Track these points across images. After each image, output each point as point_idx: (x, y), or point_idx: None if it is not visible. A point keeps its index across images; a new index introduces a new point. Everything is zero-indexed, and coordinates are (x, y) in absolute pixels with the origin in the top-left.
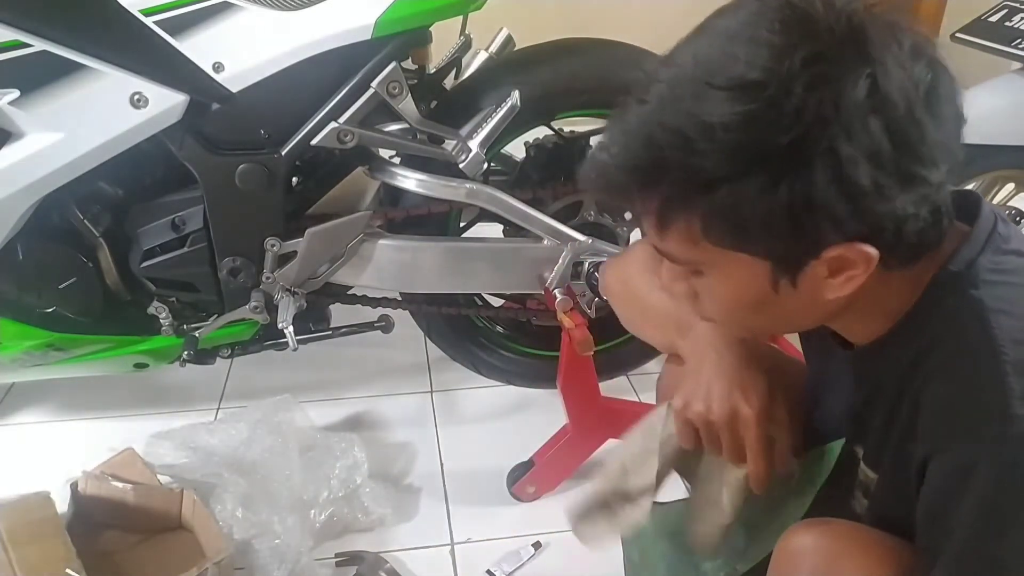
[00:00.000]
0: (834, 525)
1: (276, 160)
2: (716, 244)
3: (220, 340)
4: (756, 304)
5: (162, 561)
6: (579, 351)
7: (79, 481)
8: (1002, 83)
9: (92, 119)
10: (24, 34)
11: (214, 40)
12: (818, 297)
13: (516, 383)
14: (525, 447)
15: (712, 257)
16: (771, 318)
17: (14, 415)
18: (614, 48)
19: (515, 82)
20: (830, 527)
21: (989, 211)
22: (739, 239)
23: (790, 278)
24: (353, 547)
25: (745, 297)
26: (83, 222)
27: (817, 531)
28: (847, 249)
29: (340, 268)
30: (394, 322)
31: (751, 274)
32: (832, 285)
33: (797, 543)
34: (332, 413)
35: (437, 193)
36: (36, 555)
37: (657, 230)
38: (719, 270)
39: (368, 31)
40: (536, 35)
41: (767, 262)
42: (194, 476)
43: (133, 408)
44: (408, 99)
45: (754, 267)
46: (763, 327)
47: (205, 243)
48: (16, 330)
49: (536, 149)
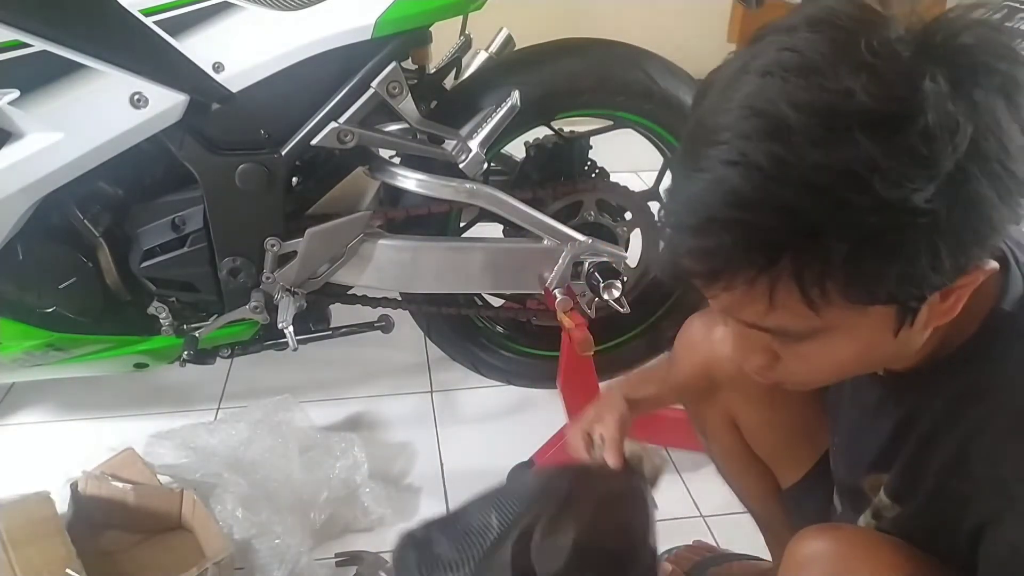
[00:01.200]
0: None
1: (276, 160)
2: (855, 302)
3: (220, 340)
4: (871, 353)
5: (162, 561)
6: (579, 351)
7: (79, 481)
8: None
9: (92, 119)
10: (24, 34)
11: (214, 40)
12: (925, 330)
13: (516, 383)
14: (525, 447)
15: (836, 320)
16: (869, 364)
17: (14, 415)
18: (614, 48)
19: (515, 82)
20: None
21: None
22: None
23: (912, 316)
24: (353, 547)
25: (867, 351)
26: (83, 222)
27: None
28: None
29: (340, 268)
30: (394, 322)
31: (877, 324)
32: (942, 310)
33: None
34: (332, 413)
35: (437, 193)
36: (36, 555)
37: (767, 306)
38: (843, 331)
39: (368, 31)
40: (536, 35)
41: (893, 307)
42: (194, 476)
43: (133, 408)
44: (408, 99)
45: (877, 317)
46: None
47: (205, 243)
48: (16, 330)
49: (536, 149)
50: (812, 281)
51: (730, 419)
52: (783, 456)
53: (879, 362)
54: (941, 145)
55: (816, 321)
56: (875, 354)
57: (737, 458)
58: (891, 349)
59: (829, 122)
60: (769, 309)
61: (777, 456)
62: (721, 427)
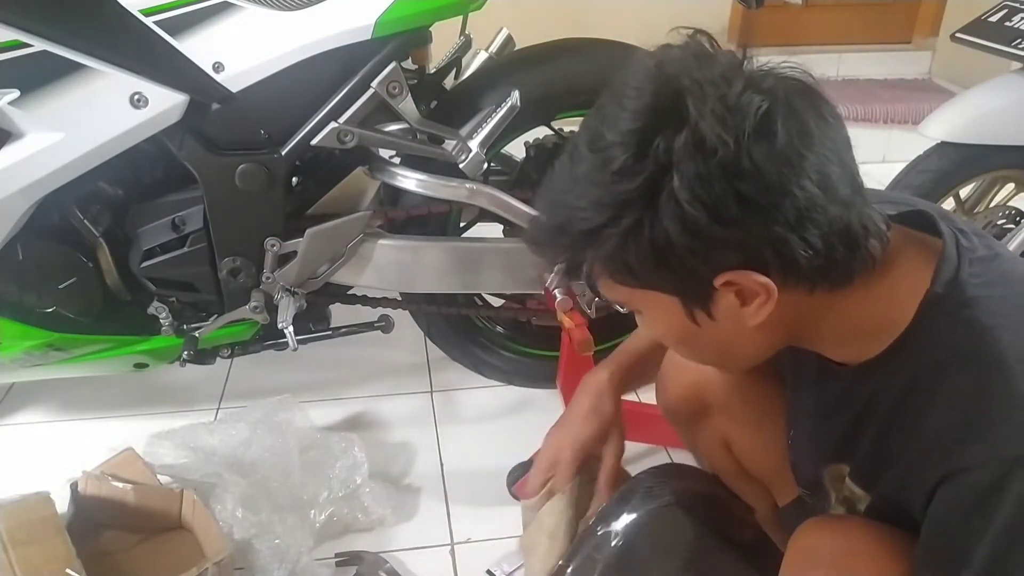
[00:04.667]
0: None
1: (276, 160)
2: (625, 284)
3: (220, 340)
4: (686, 336)
5: (162, 561)
6: (579, 351)
7: (79, 481)
8: (1002, 83)
9: (92, 119)
10: (24, 34)
11: (214, 40)
12: (743, 326)
13: (516, 383)
14: (525, 447)
15: (634, 297)
16: (715, 350)
17: (14, 415)
18: (614, 48)
19: (515, 82)
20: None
21: (946, 226)
22: (637, 278)
23: (702, 309)
24: (353, 547)
25: (673, 331)
26: (83, 222)
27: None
28: (739, 277)
29: (340, 268)
30: (394, 322)
31: (668, 309)
32: (748, 313)
33: (810, 540)
34: (332, 413)
35: (437, 193)
36: (36, 555)
37: (591, 281)
38: (647, 309)
39: (368, 31)
40: (536, 35)
41: (675, 297)
42: (194, 476)
43: (133, 408)
44: (408, 99)
45: (667, 302)
46: (714, 359)
47: (205, 243)
48: (16, 330)
49: (536, 149)
50: (585, 262)
51: (723, 441)
52: (778, 476)
53: (723, 347)
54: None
55: (621, 295)
56: (696, 336)
57: (733, 478)
58: (721, 335)
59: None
60: (596, 282)
61: (772, 476)
62: (715, 449)
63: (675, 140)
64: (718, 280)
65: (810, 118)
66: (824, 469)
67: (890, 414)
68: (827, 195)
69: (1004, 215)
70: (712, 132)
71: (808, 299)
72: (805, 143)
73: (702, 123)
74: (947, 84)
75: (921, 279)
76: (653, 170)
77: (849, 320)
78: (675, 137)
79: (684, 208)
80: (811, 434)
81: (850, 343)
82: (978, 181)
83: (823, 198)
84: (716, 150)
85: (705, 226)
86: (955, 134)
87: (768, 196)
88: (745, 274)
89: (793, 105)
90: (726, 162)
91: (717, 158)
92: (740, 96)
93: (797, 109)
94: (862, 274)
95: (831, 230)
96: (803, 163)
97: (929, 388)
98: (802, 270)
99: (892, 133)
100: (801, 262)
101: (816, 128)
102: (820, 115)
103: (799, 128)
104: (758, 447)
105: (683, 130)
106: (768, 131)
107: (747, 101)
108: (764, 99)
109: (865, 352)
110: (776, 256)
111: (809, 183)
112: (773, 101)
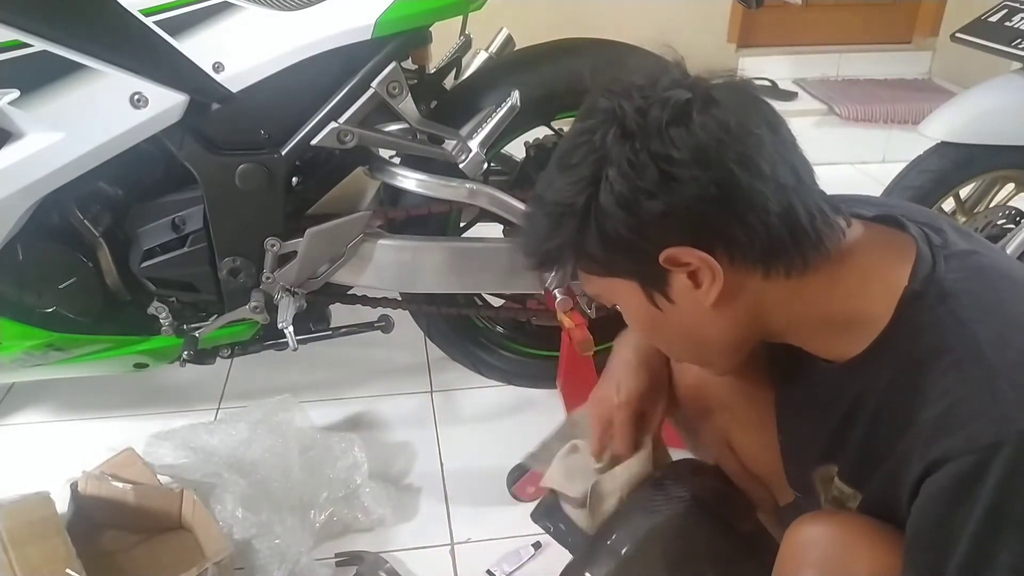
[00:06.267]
0: (843, 515)
1: (276, 160)
2: (594, 274)
3: (220, 340)
4: (653, 323)
5: (162, 561)
6: (579, 351)
7: (79, 481)
8: (1002, 83)
9: (92, 119)
10: (24, 34)
11: (214, 40)
12: (701, 309)
13: (516, 383)
14: (525, 447)
15: (604, 288)
16: (683, 337)
17: (14, 415)
18: (614, 48)
19: (515, 82)
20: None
21: (913, 225)
22: (599, 264)
23: (660, 292)
24: (353, 547)
25: (641, 318)
26: (83, 222)
27: (826, 521)
28: (681, 253)
29: (340, 268)
30: (394, 322)
31: (632, 294)
32: (702, 294)
33: (806, 533)
34: (332, 413)
35: (437, 193)
36: (36, 555)
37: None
38: (617, 299)
39: (368, 31)
40: (536, 35)
41: (634, 281)
42: (194, 476)
43: (133, 408)
44: (408, 99)
45: (630, 288)
46: (686, 349)
47: (205, 243)
48: (16, 330)
49: (536, 149)
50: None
51: (724, 440)
52: (779, 476)
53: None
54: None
55: (592, 286)
56: (662, 322)
57: (734, 476)
58: (685, 320)
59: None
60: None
61: (772, 476)
62: (716, 447)
63: (608, 133)
64: (662, 256)
65: (733, 110)
66: (814, 471)
67: (876, 412)
68: (754, 177)
69: (1004, 215)
70: (634, 121)
71: (767, 284)
72: (723, 128)
73: (627, 116)
74: (947, 84)
75: (897, 276)
76: (594, 160)
77: (818, 309)
78: (609, 130)
79: (616, 188)
80: (800, 435)
81: (826, 335)
82: (978, 181)
83: (748, 178)
84: (636, 135)
85: (635, 202)
86: (955, 134)
87: (688, 171)
88: (686, 250)
89: (714, 97)
90: (648, 145)
91: (639, 142)
92: (663, 92)
93: (718, 100)
94: (819, 261)
95: (767, 210)
96: (722, 147)
97: (912, 385)
98: (745, 249)
99: (892, 133)
100: (741, 240)
101: (737, 118)
102: (747, 110)
103: (719, 117)
104: (760, 447)
105: (614, 124)
106: (685, 117)
107: (668, 95)
108: (685, 92)
109: (846, 348)
110: (712, 232)
111: (735, 165)
112: (694, 94)
